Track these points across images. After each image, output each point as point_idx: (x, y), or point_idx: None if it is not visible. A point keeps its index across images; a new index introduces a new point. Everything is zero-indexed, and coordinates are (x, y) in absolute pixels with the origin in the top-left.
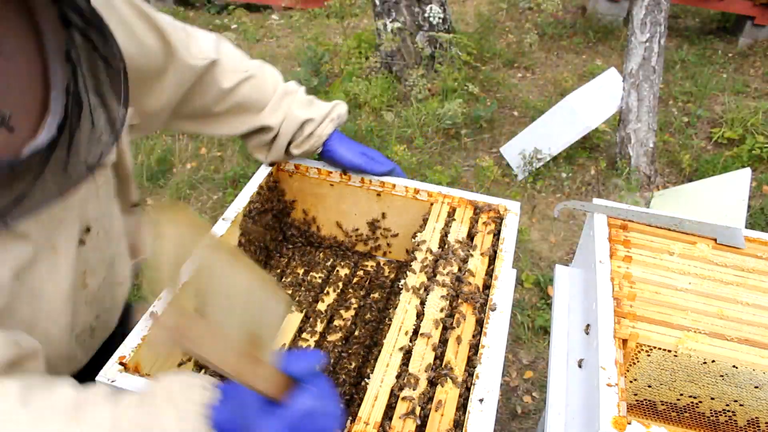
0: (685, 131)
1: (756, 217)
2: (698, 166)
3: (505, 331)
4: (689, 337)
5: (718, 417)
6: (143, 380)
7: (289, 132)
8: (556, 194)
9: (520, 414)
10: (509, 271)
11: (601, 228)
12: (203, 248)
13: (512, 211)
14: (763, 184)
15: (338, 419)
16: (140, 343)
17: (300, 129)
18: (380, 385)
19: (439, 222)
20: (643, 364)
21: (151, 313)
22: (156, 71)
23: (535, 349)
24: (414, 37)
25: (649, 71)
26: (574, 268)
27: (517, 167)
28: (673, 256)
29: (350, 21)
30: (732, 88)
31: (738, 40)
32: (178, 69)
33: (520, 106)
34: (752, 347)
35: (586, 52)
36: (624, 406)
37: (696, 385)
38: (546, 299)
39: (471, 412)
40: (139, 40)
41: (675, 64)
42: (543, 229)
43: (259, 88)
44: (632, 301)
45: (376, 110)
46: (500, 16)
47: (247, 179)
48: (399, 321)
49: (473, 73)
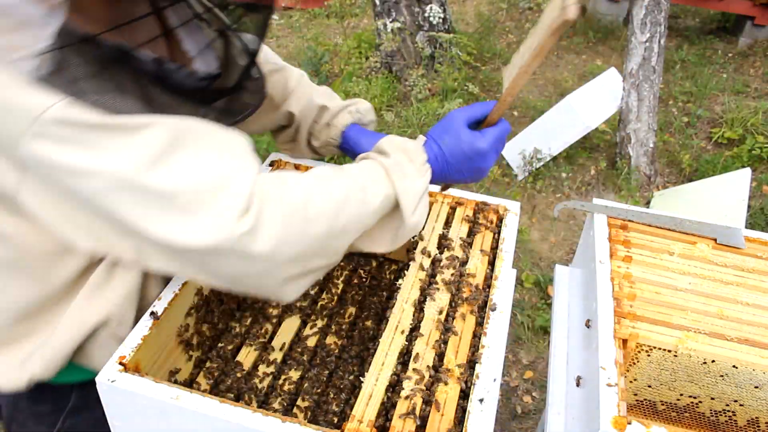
0: (685, 131)
1: (756, 217)
2: (698, 166)
3: (505, 331)
4: (689, 337)
5: (718, 417)
6: (143, 380)
7: (308, 119)
8: (556, 194)
9: (520, 414)
10: (509, 271)
11: (601, 228)
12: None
13: (512, 211)
14: (763, 184)
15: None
16: (140, 344)
17: (318, 117)
18: (375, 384)
19: (439, 222)
20: (643, 364)
21: (151, 312)
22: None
23: (535, 349)
24: (414, 37)
25: (649, 71)
26: (574, 268)
27: (517, 167)
28: (673, 256)
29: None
30: (732, 88)
31: (738, 40)
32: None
33: (520, 106)
34: (752, 347)
35: (586, 52)
36: (624, 406)
37: (696, 385)
38: (546, 299)
39: (471, 412)
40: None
41: (675, 64)
42: (543, 229)
43: (286, 80)
44: (632, 301)
45: (376, 110)
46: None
47: None
48: (395, 320)
49: (473, 73)
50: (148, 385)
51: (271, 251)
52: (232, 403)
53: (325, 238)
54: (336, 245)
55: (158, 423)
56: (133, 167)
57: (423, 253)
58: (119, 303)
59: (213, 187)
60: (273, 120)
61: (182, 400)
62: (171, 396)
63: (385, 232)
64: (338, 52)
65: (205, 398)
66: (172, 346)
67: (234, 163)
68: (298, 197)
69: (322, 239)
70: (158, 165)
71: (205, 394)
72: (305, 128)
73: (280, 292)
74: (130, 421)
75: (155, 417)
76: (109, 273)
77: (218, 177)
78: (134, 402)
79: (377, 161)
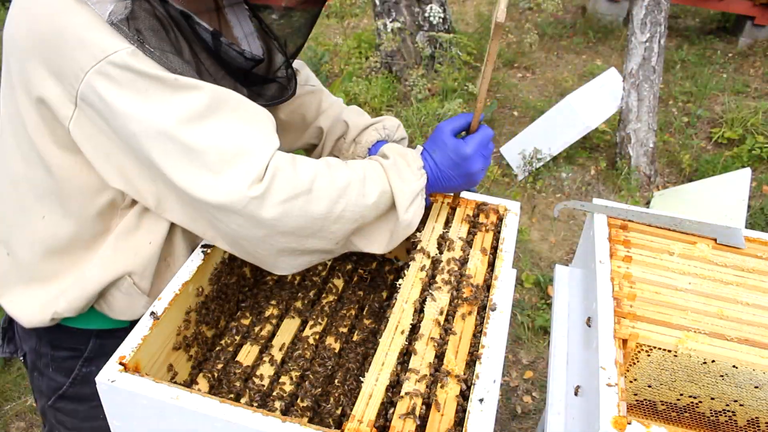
0: (685, 131)
1: (756, 217)
2: (698, 166)
3: (505, 331)
4: (689, 337)
5: (718, 417)
6: (143, 380)
7: (334, 135)
8: (556, 194)
9: (520, 414)
10: (509, 271)
11: (601, 228)
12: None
13: (512, 211)
14: (763, 184)
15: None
16: (140, 343)
17: (344, 134)
18: (375, 384)
19: (439, 222)
20: (643, 364)
21: (151, 312)
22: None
23: (535, 349)
24: (414, 37)
25: (649, 71)
26: (574, 268)
27: (517, 167)
28: (673, 256)
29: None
30: (732, 88)
31: (738, 40)
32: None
33: (520, 106)
34: (752, 347)
35: (586, 52)
36: (624, 406)
37: (696, 385)
38: (546, 299)
39: (471, 412)
40: None
41: (675, 64)
42: (543, 229)
43: (320, 101)
44: (632, 301)
45: (376, 110)
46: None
47: None
48: (395, 320)
49: (473, 73)
50: (148, 385)
51: (274, 219)
52: (232, 403)
53: (323, 220)
54: (333, 229)
55: (158, 423)
56: (174, 120)
57: (423, 253)
58: (144, 254)
59: (236, 153)
60: (304, 138)
61: (182, 400)
62: (171, 396)
63: (382, 233)
64: (338, 52)
65: (205, 398)
66: (172, 346)
67: (259, 136)
68: (306, 176)
69: (321, 220)
70: (195, 123)
71: (205, 394)
72: (330, 143)
73: (272, 261)
74: (130, 421)
75: (155, 417)
76: (137, 222)
77: (243, 145)
78: (134, 402)
79: (378, 161)
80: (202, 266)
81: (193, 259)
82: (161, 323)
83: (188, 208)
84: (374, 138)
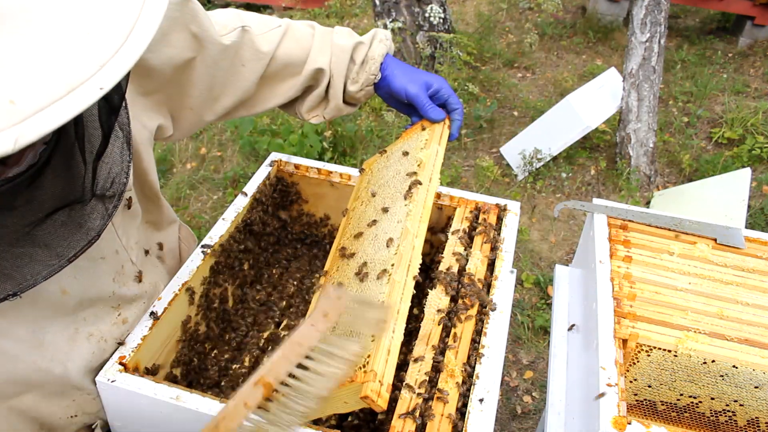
0: (685, 131)
1: (756, 217)
2: (698, 166)
3: (505, 331)
4: (689, 337)
5: (718, 417)
6: (143, 380)
7: (342, 67)
8: (556, 194)
9: (520, 414)
10: (509, 271)
11: (601, 228)
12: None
13: (512, 211)
14: (763, 184)
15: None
16: (140, 344)
17: (351, 60)
18: (392, 335)
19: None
20: (643, 364)
21: (150, 313)
22: (186, 64)
23: (535, 349)
24: (414, 37)
25: (649, 71)
26: (574, 268)
27: (517, 167)
28: (673, 256)
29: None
30: (732, 88)
31: (738, 40)
32: (209, 55)
33: (520, 106)
34: (752, 347)
35: (586, 52)
36: (624, 406)
37: (696, 385)
38: (546, 299)
39: (471, 412)
40: (168, 40)
41: (675, 64)
42: (543, 229)
43: (297, 38)
44: (632, 301)
45: (376, 110)
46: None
47: (247, 179)
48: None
49: (473, 73)
50: (148, 385)
51: None
52: None
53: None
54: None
55: (158, 423)
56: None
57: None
58: None
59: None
60: (295, 86)
61: (182, 400)
62: (171, 396)
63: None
64: None
65: (205, 398)
66: (172, 347)
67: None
68: None
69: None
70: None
71: (205, 394)
72: (339, 78)
73: None
74: (130, 421)
75: (155, 417)
76: None
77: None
78: (134, 402)
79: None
80: (202, 266)
81: (193, 259)
82: (161, 323)
83: None
84: (383, 50)
